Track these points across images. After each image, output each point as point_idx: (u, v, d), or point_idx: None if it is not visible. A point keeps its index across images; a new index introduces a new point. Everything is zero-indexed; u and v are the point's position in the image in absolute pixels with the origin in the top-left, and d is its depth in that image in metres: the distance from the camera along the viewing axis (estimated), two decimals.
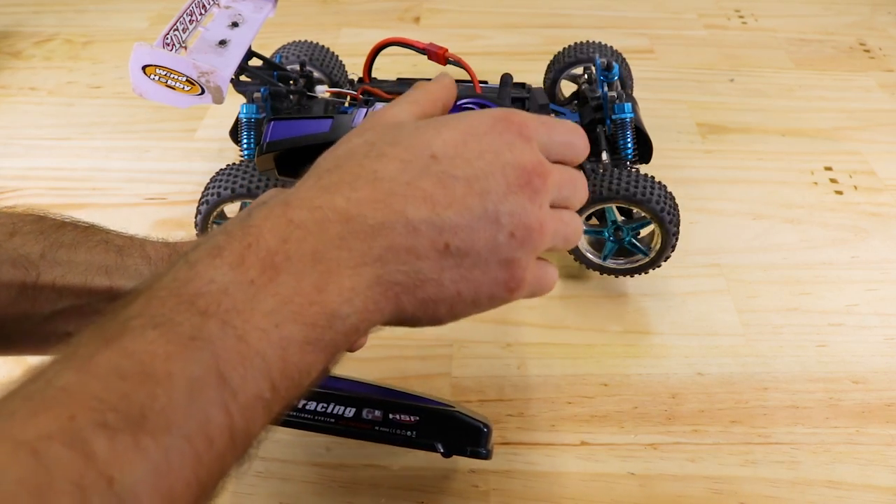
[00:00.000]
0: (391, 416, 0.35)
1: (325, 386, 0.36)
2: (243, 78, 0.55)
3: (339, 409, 0.35)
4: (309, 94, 0.56)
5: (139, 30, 0.91)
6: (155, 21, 0.92)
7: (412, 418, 0.35)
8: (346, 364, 0.31)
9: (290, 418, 0.35)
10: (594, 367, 0.49)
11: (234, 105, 0.56)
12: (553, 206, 0.26)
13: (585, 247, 0.53)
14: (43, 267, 0.29)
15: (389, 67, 0.66)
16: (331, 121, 0.37)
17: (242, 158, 0.54)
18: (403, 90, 0.58)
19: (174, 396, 0.18)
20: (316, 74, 0.61)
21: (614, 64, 0.56)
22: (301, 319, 0.21)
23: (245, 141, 0.54)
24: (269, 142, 0.35)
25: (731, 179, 0.66)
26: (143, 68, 0.45)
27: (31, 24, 0.92)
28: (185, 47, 0.49)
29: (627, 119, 0.54)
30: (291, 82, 0.56)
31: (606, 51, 0.64)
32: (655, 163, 0.57)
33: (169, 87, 0.46)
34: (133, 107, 0.75)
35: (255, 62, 0.54)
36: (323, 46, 0.63)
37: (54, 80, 0.80)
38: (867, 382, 0.48)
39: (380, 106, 0.35)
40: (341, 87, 0.60)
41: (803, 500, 0.42)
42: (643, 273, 0.53)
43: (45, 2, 0.97)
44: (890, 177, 0.66)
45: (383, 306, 0.23)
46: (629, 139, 0.54)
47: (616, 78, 0.56)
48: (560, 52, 0.65)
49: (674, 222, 0.49)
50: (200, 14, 0.51)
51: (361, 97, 0.55)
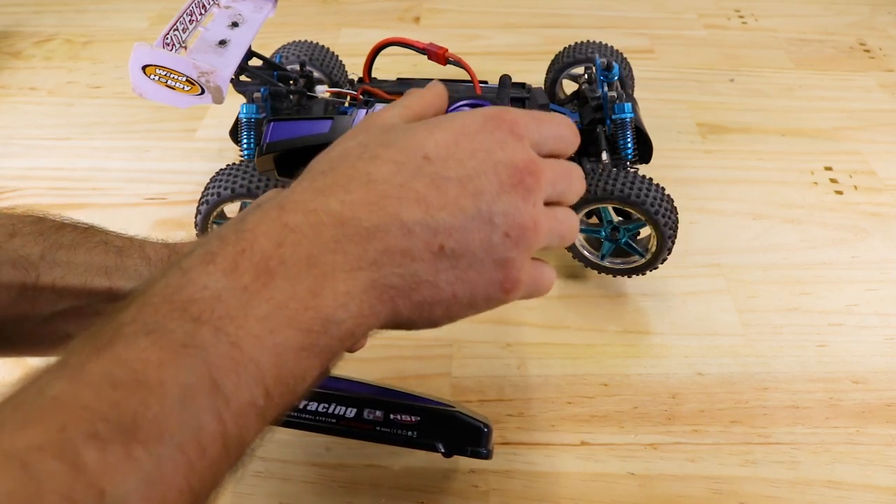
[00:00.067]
0: (392, 416, 0.35)
1: (326, 386, 0.36)
2: (243, 78, 0.55)
3: (341, 410, 0.35)
4: (309, 94, 0.56)
5: (139, 30, 0.91)
6: (155, 21, 0.92)
7: (413, 418, 0.35)
8: (346, 364, 0.31)
9: (292, 419, 0.35)
10: (594, 367, 0.49)
11: (234, 105, 0.56)
12: (548, 203, 0.26)
13: (584, 245, 0.53)
14: (43, 268, 0.29)
15: (389, 67, 0.66)
16: (330, 122, 0.37)
17: (242, 158, 0.54)
18: (403, 90, 0.58)
19: (166, 404, 0.18)
20: (316, 74, 0.61)
21: (614, 64, 0.57)
22: (296, 325, 0.21)
23: (245, 141, 0.54)
24: (269, 142, 0.35)
25: (731, 179, 0.66)
26: (143, 68, 0.45)
27: (31, 24, 0.92)
28: (185, 47, 0.49)
29: (627, 119, 0.54)
30: (291, 82, 0.56)
31: (607, 51, 0.64)
32: (655, 163, 0.57)
33: (169, 87, 0.46)
34: (133, 107, 0.75)
35: (255, 62, 0.54)
36: (323, 46, 0.63)
37: (54, 80, 0.80)
38: (867, 382, 0.48)
39: (380, 106, 0.35)
40: (341, 87, 0.60)
41: (803, 500, 0.42)
42: (640, 274, 0.53)
43: (45, 2, 0.97)
44: (890, 177, 0.66)
45: (379, 310, 0.23)
46: (629, 139, 0.54)
47: (616, 78, 0.56)
48: (560, 52, 0.65)
49: (669, 225, 0.49)
50: (200, 14, 0.51)
51: (361, 97, 0.55)
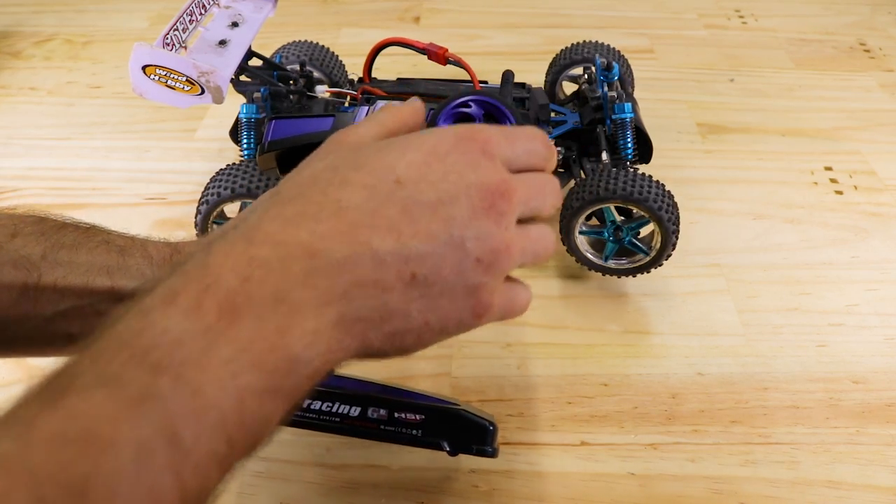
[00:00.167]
0: (396, 414, 0.35)
1: (330, 385, 0.36)
2: (243, 78, 0.55)
3: (345, 409, 0.35)
4: (309, 94, 0.56)
5: (139, 30, 0.91)
6: (155, 21, 0.92)
7: (418, 417, 0.35)
8: (348, 364, 0.31)
9: (296, 418, 0.35)
10: (594, 367, 0.49)
11: (234, 105, 0.56)
12: (523, 220, 0.26)
13: (587, 248, 0.53)
14: (44, 268, 0.29)
15: (389, 67, 0.66)
16: (332, 119, 0.36)
17: (242, 158, 0.54)
18: (403, 90, 0.58)
19: (119, 464, 0.17)
20: (316, 74, 0.61)
21: (614, 64, 0.57)
22: (260, 367, 0.20)
23: (245, 141, 0.54)
24: (271, 140, 0.35)
25: (731, 179, 0.66)
26: (143, 68, 0.45)
27: (31, 24, 0.92)
28: (185, 47, 0.49)
29: (627, 119, 0.54)
30: (291, 82, 0.56)
31: (606, 51, 0.64)
32: (655, 163, 0.57)
33: (169, 87, 0.46)
34: (133, 107, 0.75)
35: (255, 62, 0.54)
36: (323, 46, 0.63)
37: (54, 80, 0.80)
38: (867, 382, 0.48)
39: (381, 104, 0.35)
40: (341, 87, 0.60)
41: (803, 500, 0.42)
42: (645, 272, 0.53)
43: (45, 2, 0.97)
44: (890, 177, 0.66)
45: (348, 344, 0.22)
46: (629, 139, 0.54)
47: (616, 78, 0.56)
48: (560, 53, 0.65)
49: (672, 220, 0.49)
50: (200, 14, 0.51)
51: (361, 97, 0.55)
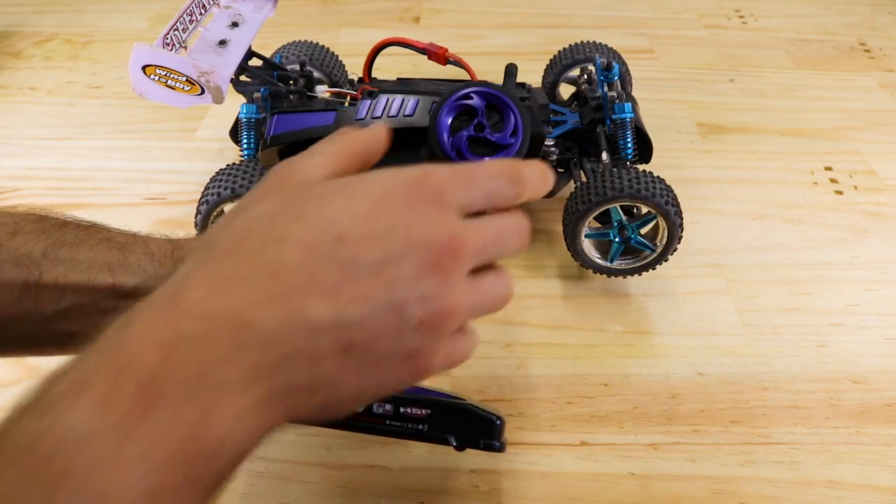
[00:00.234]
0: (402, 409, 0.34)
1: None
2: (243, 78, 0.55)
3: None
4: (309, 94, 0.56)
5: (139, 30, 0.91)
6: (155, 21, 0.92)
7: (423, 412, 0.34)
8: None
9: None
10: (594, 367, 0.49)
11: (234, 105, 0.56)
12: (478, 268, 0.24)
13: (594, 253, 0.53)
14: (45, 265, 0.29)
15: (389, 67, 0.66)
16: (334, 113, 0.36)
17: (242, 158, 0.54)
18: (404, 90, 0.58)
19: None
20: (316, 74, 0.61)
21: (614, 64, 0.57)
22: (177, 460, 0.18)
23: (245, 141, 0.54)
24: (273, 135, 0.35)
25: (731, 179, 0.66)
26: (143, 68, 0.45)
27: (31, 24, 0.92)
28: (185, 47, 0.49)
29: (627, 119, 0.54)
30: (291, 82, 0.56)
31: (603, 50, 0.64)
32: (655, 163, 0.57)
33: (169, 87, 0.46)
34: (133, 107, 0.75)
35: (255, 62, 0.54)
36: (323, 46, 0.63)
37: (54, 80, 0.80)
38: (867, 382, 0.48)
39: (383, 98, 0.35)
40: (341, 87, 0.60)
41: (803, 500, 0.42)
42: (651, 269, 0.53)
43: (45, 2, 0.97)
44: (890, 177, 0.66)
45: (274, 420, 0.21)
46: (629, 139, 0.54)
47: (616, 78, 0.56)
48: (559, 53, 0.65)
49: (678, 214, 0.50)
50: (200, 14, 0.51)
51: (361, 97, 0.55)
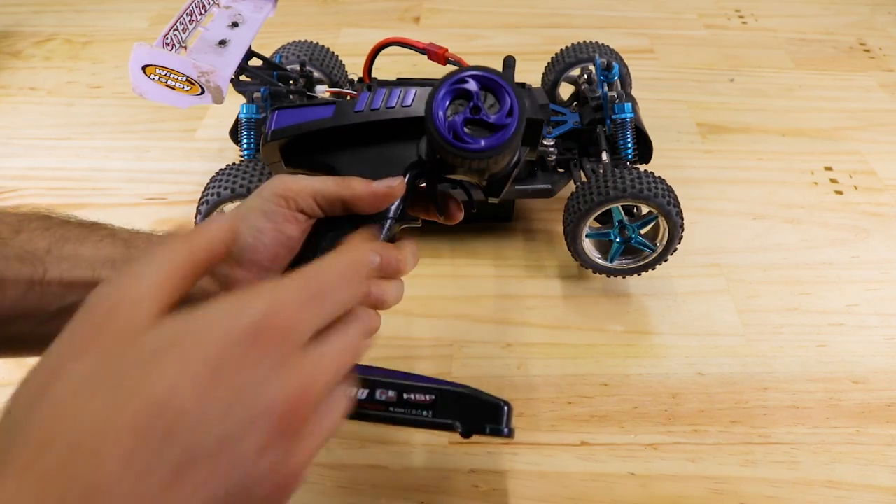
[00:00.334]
0: (406, 396, 0.33)
1: None
2: (243, 78, 0.55)
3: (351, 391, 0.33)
4: (309, 94, 0.56)
5: (139, 30, 0.91)
6: (155, 21, 0.92)
7: (428, 398, 0.33)
8: None
9: None
10: (594, 367, 0.49)
11: (234, 105, 0.56)
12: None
13: (594, 253, 0.53)
14: (49, 262, 0.29)
15: (389, 67, 0.66)
16: (333, 107, 0.36)
17: (242, 158, 0.54)
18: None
19: None
20: (316, 74, 0.61)
21: (614, 64, 0.57)
22: None
23: (245, 141, 0.54)
24: (274, 129, 0.35)
25: (731, 179, 0.66)
26: (143, 68, 0.45)
27: (31, 24, 0.92)
28: (185, 47, 0.49)
29: (627, 119, 0.54)
30: (291, 82, 0.56)
31: (606, 51, 0.64)
32: (655, 163, 0.57)
33: (169, 87, 0.46)
34: (133, 107, 0.75)
35: (255, 62, 0.54)
36: (323, 46, 0.63)
37: (54, 80, 0.80)
38: (867, 382, 0.48)
39: (381, 92, 0.35)
40: (341, 87, 0.60)
41: (803, 500, 0.42)
42: (651, 269, 0.53)
43: (45, 2, 0.97)
44: (890, 177, 0.66)
45: None
46: (629, 139, 0.54)
47: (616, 78, 0.56)
48: (559, 53, 0.64)
49: (679, 214, 0.50)
50: (200, 14, 0.51)
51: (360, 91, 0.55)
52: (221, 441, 0.18)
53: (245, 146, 0.54)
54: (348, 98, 0.56)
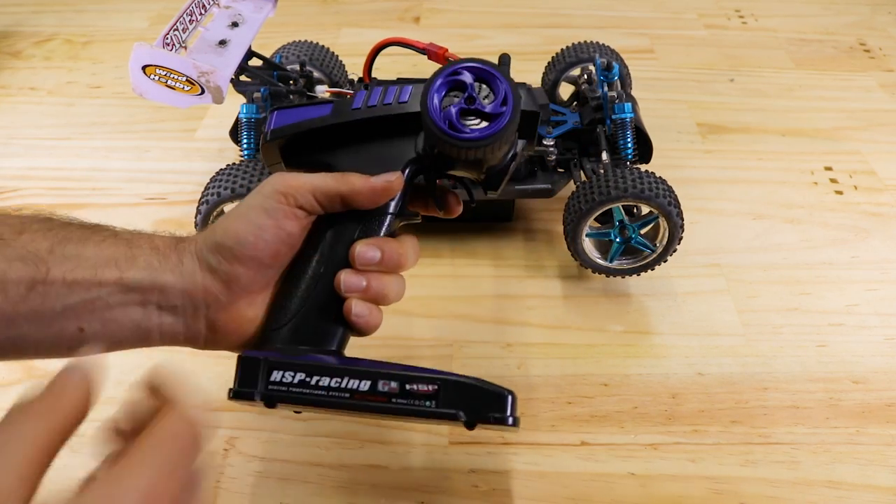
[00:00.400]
0: (408, 386, 0.32)
1: (339, 365, 0.34)
2: (243, 78, 0.55)
3: (354, 383, 0.33)
4: (309, 94, 0.56)
5: (139, 30, 0.91)
6: (155, 21, 0.92)
7: (431, 388, 0.32)
8: (352, 354, 0.31)
9: (303, 396, 0.33)
10: (594, 367, 0.49)
11: (234, 105, 0.56)
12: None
13: (594, 253, 0.53)
14: (52, 262, 0.29)
15: (389, 67, 0.66)
16: (331, 105, 0.36)
17: (242, 158, 0.54)
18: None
19: None
20: (316, 74, 0.61)
21: (614, 64, 0.57)
22: None
23: (245, 141, 0.54)
24: (273, 129, 0.35)
25: (731, 179, 0.66)
26: (143, 68, 0.45)
27: (31, 24, 0.92)
28: (185, 47, 0.49)
29: (627, 119, 0.54)
30: (291, 82, 0.56)
31: (606, 51, 0.64)
32: (655, 163, 0.57)
33: (169, 87, 0.46)
34: (133, 107, 0.75)
35: (255, 62, 0.54)
36: (323, 46, 0.63)
37: (54, 80, 0.80)
38: (867, 382, 0.48)
39: (377, 91, 0.35)
40: (341, 87, 0.60)
41: (803, 500, 0.42)
42: (651, 269, 0.53)
43: (45, 2, 0.97)
44: (890, 177, 0.66)
45: None
46: (629, 139, 0.54)
47: (616, 78, 0.56)
48: (560, 52, 0.65)
49: (679, 215, 0.50)
50: (200, 14, 0.51)
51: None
52: None
53: (245, 146, 0.54)
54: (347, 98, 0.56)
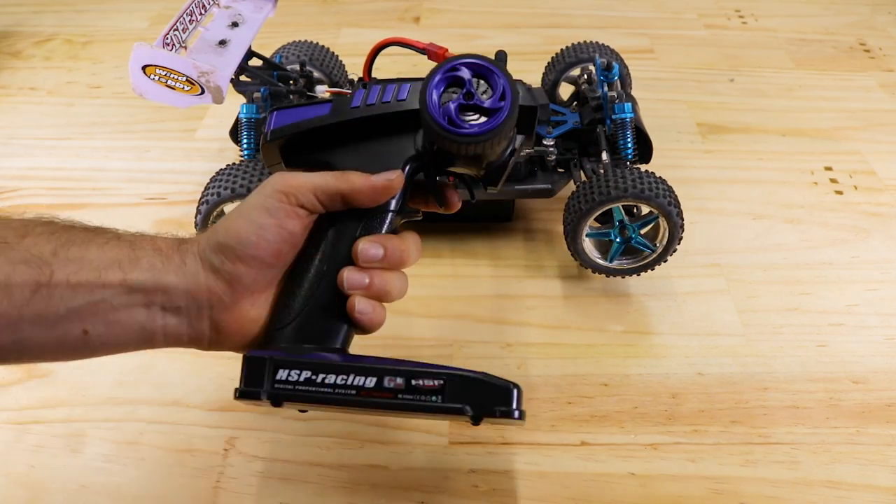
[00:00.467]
0: (414, 382, 0.32)
1: (344, 362, 0.35)
2: (243, 78, 0.55)
3: (360, 380, 0.33)
4: (309, 94, 0.56)
5: (139, 30, 0.91)
6: (155, 21, 0.92)
7: (437, 383, 0.32)
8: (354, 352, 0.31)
9: (309, 393, 0.33)
10: (594, 367, 0.49)
11: (234, 105, 0.56)
12: None
13: (594, 253, 0.53)
14: (56, 265, 0.29)
15: (389, 67, 0.66)
16: (330, 105, 0.36)
17: (242, 158, 0.54)
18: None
19: None
20: (316, 74, 0.61)
21: (614, 64, 0.57)
22: None
23: (245, 141, 0.54)
24: (273, 129, 0.35)
25: (731, 179, 0.66)
26: (143, 68, 0.45)
27: (31, 24, 0.92)
28: (185, 47, 0.49)
29: (627, 119, 0.54)
30: (291, 82, 0.56)
31: (606, 51, 0.64)
32: (655, 163, 0.57)
33: (169, 87, 0.46)
34: (133, 107, 0.75)
35: (255, 62, 0.54)
36: (323, 46, 0.63)
37: (54, 80, 0.80)
38: (867, 382, 0.48)
39: (376, 89, 0.35)
40: (341, 87, 0.60)
41: (803, 500, 0.42)
42: (651, 269, 0.53)
43: (45, 2, 0.97)
44: (890, 177, 0.66)
45: None
46: (629, 139, 0.54)
47: (616, 78, 0.56)
48: (560, 52, 0.65)
49: (680, 215, 0.50)
50: (200, 14, 0.51)
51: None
52: None
53: (245, 146, 0.54)
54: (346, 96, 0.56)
